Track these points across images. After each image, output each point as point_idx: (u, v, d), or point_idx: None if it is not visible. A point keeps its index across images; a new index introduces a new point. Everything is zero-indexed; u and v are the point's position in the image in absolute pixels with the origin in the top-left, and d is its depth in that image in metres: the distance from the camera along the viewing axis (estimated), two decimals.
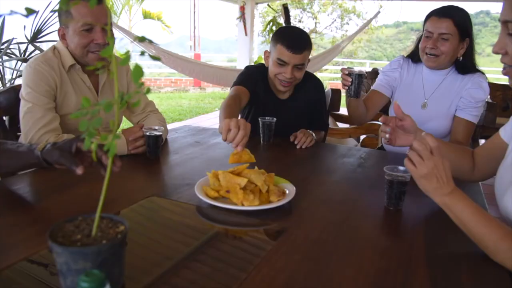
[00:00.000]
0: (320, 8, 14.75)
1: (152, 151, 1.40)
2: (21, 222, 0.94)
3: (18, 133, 1.71)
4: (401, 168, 1.03)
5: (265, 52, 1.79)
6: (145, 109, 1.70)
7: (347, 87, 1.55)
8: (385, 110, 2.00)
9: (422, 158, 0.86)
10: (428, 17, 1.62)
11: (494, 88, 4.50)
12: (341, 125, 3.01)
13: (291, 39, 1.67)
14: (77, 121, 1.47)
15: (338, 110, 2.36)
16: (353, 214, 1.03)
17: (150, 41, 0.58)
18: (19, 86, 1.67)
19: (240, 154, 1.10)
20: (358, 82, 1.53)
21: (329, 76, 12.44)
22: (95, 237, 0.64)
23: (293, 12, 14.34)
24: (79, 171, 0.93)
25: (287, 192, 1.06)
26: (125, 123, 1.72)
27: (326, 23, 15.63)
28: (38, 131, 1.36)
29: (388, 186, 1.03)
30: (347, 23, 15.31)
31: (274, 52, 1.70)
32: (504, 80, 1.09)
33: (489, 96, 2.67)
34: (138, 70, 0.53)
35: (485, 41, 42.08)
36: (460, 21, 1.55)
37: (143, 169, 1.33)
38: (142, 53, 0.60)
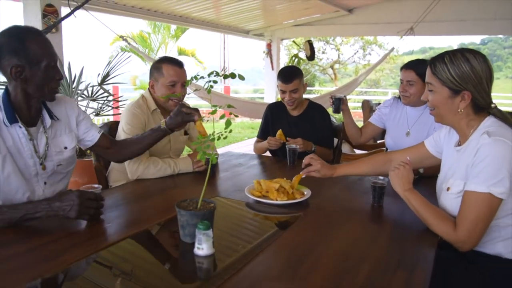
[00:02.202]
0: (343, 40, 15.46)
1: (211, 169, 1.97)
2: (137, 211, 1.52)
3: None
4: (380, 177, 1.55)
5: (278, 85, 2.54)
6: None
7: (331, 106, 2.38)
8: (382, 137, 2.53)
9: (401, 165, 1.43)
10: (401, 68, 2.21)
11: None
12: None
13: (282, 75, 2.44)
14: (156, 146, 2.07)
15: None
16: (349, 208, 1.56)
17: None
18: (111, 122, 2.30)
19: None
20: (338, 103, 2.31)
21: (352, 106, 12.92)
22: (200, 208, 1.20)
23: (316, 45, 15.07)
24: (197, 117, 1.65)
25: (305, 193, 1.61)
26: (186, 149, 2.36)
27: (349, 54, 16.26)
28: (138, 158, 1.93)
29: (372, 189, 1.55)
30: (369, 54, 15.93)
31: (278, 85, 2.48)
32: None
33: None
34: (229, 122, 1.09)
35: None
36: (420, 72, 2.10)
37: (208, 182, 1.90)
38: (215, 110, 1.17)
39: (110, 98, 3.90)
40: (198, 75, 1.20)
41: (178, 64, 2.05)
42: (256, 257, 1.12)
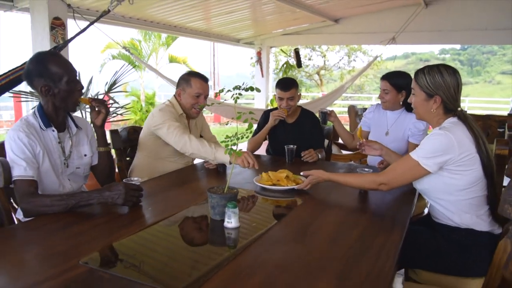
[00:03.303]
0: (328, 48, 15.97)
1: (221, 167, 2.29)
2: (166, 200, 1.84)
3: (128, 158, 2.62)
4: (365, 169, 1.90)
5: (274, 95, 2.80)
6: (210, 140, 2.63)
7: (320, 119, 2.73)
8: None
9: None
10: (380, 79, 2.57)
11: (475, 118, 5.38)
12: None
13: (281, 84, 2.77)
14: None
15: (337, 140, 3.27)
16: (342, 193, 1.90)
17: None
18: (128, 127, 2.61)
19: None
20: (324, 116, 2.68)
21: (338, 110, 13.37)
22: (226, 192, 1.52)
23: (303, 52, 15.52)
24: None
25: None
26: None
27: (334, 60, 16.79)
28: (182, 132, 2.22)
29: None
30: (354, 60, 16.49)
31: (276, 93, 2.79)
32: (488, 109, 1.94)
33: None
34: (251, 125, 1.42)
35: (495, 69, 42.09)
36: (393, 82, 2.52)
37: (219, 177, 2.23)
38: (240, 116, 1.50)
39: (116, 105, 4.18)
40: (224, 88, 1.53)
41: (205, 80, 2.40)
42: (273, 227, 1.46)
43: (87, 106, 3.93)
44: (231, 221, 1.42)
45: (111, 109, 4.04)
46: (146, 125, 2.41)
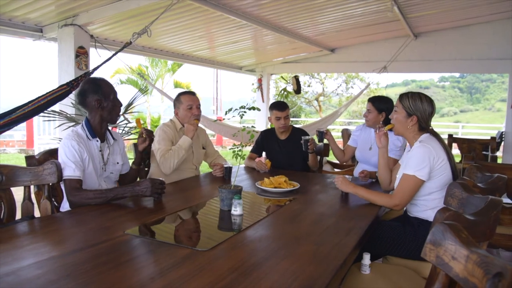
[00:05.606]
0: (327, 75, 16.63)
1: (227, 175, 2.72)
2: (183, 197, 2.26)
3: (146, 168, 3.05)
4: (346, 176, 2.32)
5: (269, 118, 3.34)
6: (214, 154, 3.07)
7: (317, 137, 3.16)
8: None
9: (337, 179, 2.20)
10: (367, 101, 3.02)
11: (461, 141, 5.80)
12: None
13: (278, 106, 3.24)
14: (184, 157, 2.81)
15: (328, 156, 3.71)
16: (326, 195, 2.31)
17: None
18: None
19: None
20: (320, 135, 3.11)
21: (337, 135, 13.83)
22: (233, 188, 1.94)
23: (302, 78, 16.13)
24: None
25: (298, 185, 2.38)
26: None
27: (332, 87, 17.45)
28: (162, 155, 2.67)
29: None
30: (352, 87, 17.12)
31: (272, 115, 3.25)
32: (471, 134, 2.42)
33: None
34: (252, 135, 1.86)
35: (494, 97, 42.21)
36: (375, 104, 2.97)
37: (225, 182, 2.65)
38: (244, 128, 1.94)
39: (130, 125, 4.63)
40: (232, 108, 1.97)
41: (191, 93, 2.91)
42: (270, 215, 1.88)
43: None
44: (236, 209, 1.84)
45: (125, 129, 4.49)
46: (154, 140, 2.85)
